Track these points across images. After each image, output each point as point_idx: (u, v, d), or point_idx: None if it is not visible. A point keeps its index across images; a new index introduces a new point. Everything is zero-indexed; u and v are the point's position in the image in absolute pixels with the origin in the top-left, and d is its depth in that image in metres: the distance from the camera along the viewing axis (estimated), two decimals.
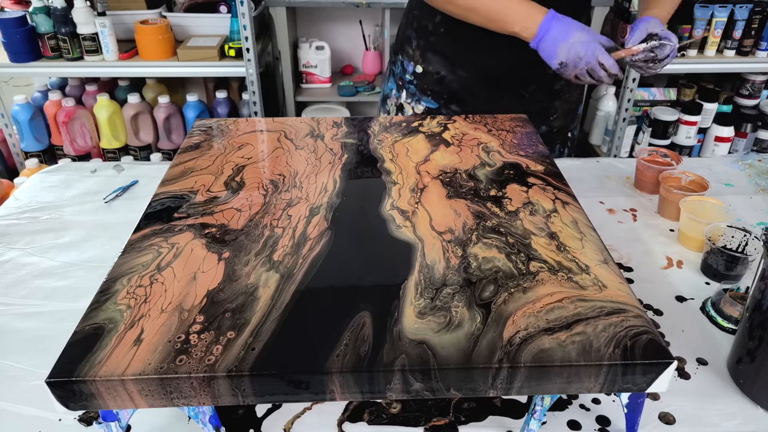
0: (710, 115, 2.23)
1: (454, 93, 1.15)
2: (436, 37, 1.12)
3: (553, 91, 1.15)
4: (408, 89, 1.19)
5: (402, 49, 1.20)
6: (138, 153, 2.24)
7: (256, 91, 2.06)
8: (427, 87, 1.17)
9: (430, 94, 1.17)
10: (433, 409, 0.69)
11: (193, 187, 0.79)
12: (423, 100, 1.17)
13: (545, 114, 1.18)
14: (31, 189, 1.15)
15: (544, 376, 0.52)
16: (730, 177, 1.21)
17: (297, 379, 0.51)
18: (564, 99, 1.18)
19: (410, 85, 1.19)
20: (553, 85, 1.14)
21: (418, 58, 1.16)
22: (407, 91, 1.19)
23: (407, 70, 1.18)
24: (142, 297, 0.58)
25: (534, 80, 1.12)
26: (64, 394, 0.51)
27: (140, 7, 2.09)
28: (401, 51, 1.20)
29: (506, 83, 1.12)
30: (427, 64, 1.15)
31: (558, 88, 1.15)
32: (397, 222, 0.71)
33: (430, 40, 1.13)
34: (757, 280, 0.67)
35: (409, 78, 1.18)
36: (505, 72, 1.11)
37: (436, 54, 1.13)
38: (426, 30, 1.12)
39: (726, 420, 0.67)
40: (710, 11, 2.05)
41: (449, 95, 1.15)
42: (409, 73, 1.18)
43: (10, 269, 0.92)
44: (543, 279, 0.61)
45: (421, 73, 1.16)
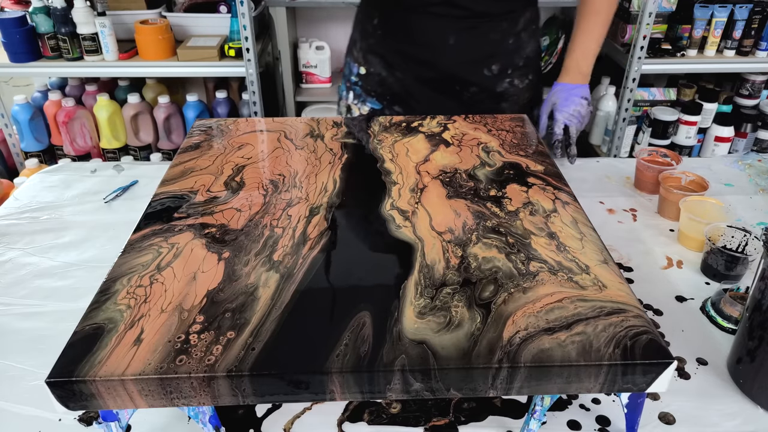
0: (710, 115, 2.23)
1: (396, 94, 1.14)
2: (375, 39, 1.12)
3: (497, 94, 1.13)
4: (354, 90, 1.18)
5: (349, 51, 1.20)
6: (138, 153, 2.24)
7: (256, 91, 2.06)
8: (371, 88, 1.16)
9: (374, 95, 1.16)
10: (433, 409, 0.69)
11: (193, 187, 0.79)
12: (368, 101, 1.17)
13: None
14: (31, 189, 1.15)
15: (544, 376, 0.52)
16: (730, 177, 1.21)
17: (297, 379, 0.51)
18: (512, 101, 1.15)
19: (356, 86, 1.18)
20: (495, 86, 1.12)
21: (362, 60, 1.15)
22: (354, 93, 1.18)
23: (353, 72, 1.18)
24: (142, 297, 0.58)
25: (473, 81, 1.11)
26: (64, 394, 0.51)
27: (140, 7, 2.08)
28: (349, 53, 1.20)
29: (444, 85, 1.11)
30: (369, 66, 1.14)
31: (501, 90, 1.13)
32: (397, 222, 0.71)
33: (370, 41, 1.13)
34: (757, 280, 0.67)
35: (355, 79, 1.18)
36: (442, 75, 1.09)
37: (376, 56, 1.13)
38: (367, 32, 1.12)
39: (726, 420, 0.67)
40: (710, 11, 2.05)
41: (392, 96, 1.14)
42: (354, 75, 1.17)
43: (10, 269, 0.92)
44: (543, 279, 0.61)
45: (365, 75, 1.15)
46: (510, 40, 1.08)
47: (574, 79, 1.08)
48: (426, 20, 1.05)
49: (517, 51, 1.10)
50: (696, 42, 2.10)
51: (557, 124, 1.05)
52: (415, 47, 1.07)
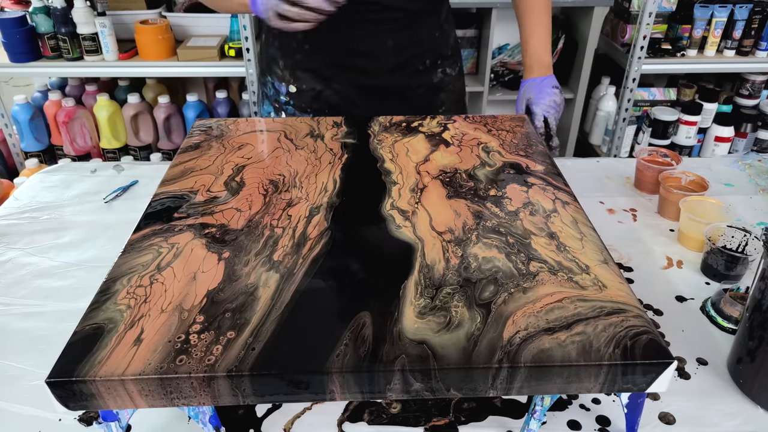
0: (710, 115, 2.23)
1: (335, 106, 1.11)
2: (303, 55, 1.08)
3: (434, 85, 1.13)
4: (286, 110, 1.15)
5: (270, 70, 1.14)
6: (138, 153, 2.24)
7: (255, 91, 2.06)
8: (305, 105, 1.12)
9: (310, 111, 1.13)
10: (433, 409, 0.69)
11: (193, 187, 0.79)
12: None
13: (433, 108, 1.16)
14: (31, 189, 1.15)
15: (544, 376, 0.52)
16: (730, 177, 1.21)
17: (297, 379, 0.51)
18: (449, 90, 1.16)
19: (287, 105, 1.14)
20: (432, 79, 1.12)
21: (289, 78, 1.11)
22: (286, 112, 1.15)
23: (280, 92, 1.13)
24: (142, 297, 0.58)
25: (412, 80, 1.10)
26: (64, 394, 0.51)
27: (140, 7, 2.09)
28: (270, 72, 1.15)
29: (383, 89, 1.10)
30: (299, 83, 1.10)
31: (437, 81, 1.13)
32: (397, 222, 0.71)
33: (297, 57, 1.09)
34: (757, 280, 0.67)
35: (285, 99, 1.13)
36: (382, 78, 1.08)
37: (306, 71, 1.09)
38: (290, 48, 1.08)
39: (726, 420, 0.67)
40: (710, 11, 2.05)
41: (330, 109, 1.12)
42: (283, 94, 1.13)
43: (10, 269, 0.92)
44: (543, 279, 0.61)
45: (296, 93, 1.11)
46: (436, 32, 1.10)
47: (540, 72, 1.09)
48: (363, 27, 1.03)
49: (443, 42, 1.13)
50: (696, 42, 2.10)
51: (537, 117, 1.06)
52: (353, 57, 1.05)
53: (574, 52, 2.30)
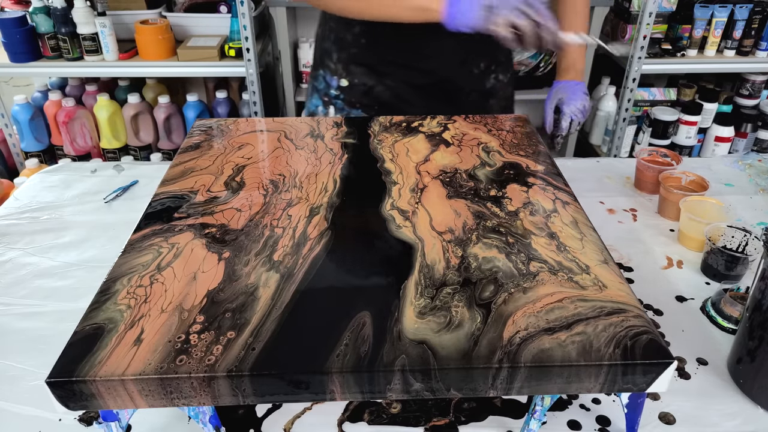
0: (710, 115, 2.23)
1: (385, 103, 1.11)
2: (358, 49, 1.08)
3: (486, 91, 1.14)
4: (335, 104, 1.14)
5: (322, 64, 1.15)
6: (138, 153, 2.24)
7: (256, 91, 2.06)
8: (355, 100, 1.12)
9: (359, 106, 1.12)
10: (433, 409, 0.69)
11: (193, 187, 0.79)
12: (353, 113, 1.13)
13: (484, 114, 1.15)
14: (31, 189, 1.15)
15: (544, 376, 0.52)
16: (730, 177, 1.21)
17: (297, 379, 0.51)
18: (499, 96, 1.16)
19: (337, 100, 1.14)
20: (485, 84, 1.13)
21: (342, 72, 1.11)
22: (335, 107, 1.15)
23: (331, 85, 1.13)
24: (142, 297, 0.58)
25: (465, 82, 1.11)
26: (64, 394, 0.51)
27: (140, 7, 2.08)
28: (321, 65, 1.15)
29: (437, 89, 1.10)
30: (352, 77, 1.10)
31: (490, 86, 1.13)
32: (397, 222, 0.71)
33: (352, 51, 1.09)
34: (757, 280, 0.67)
35: (335, 93, 1.13)
36: (436, 78, 1.09)
37: (360, 66, 1.09)
38: (346, 42, 1.08)
39: (726, 420, 0.67)
40: (710, 11, 2.05)
41: (380, 106, 1.11)
42: (334, 88, 1.13)
43: (10, 269, 0.92)
44: (543, 279, 0.61)
45: (347, 87, 1.11)
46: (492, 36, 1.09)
47: (574, 77, 1.11)
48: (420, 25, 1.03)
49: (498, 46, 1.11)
50: (696, 42, 2.10)
51: (565, 117, 1.07)
52: (407, 53, 1.06)
53: None
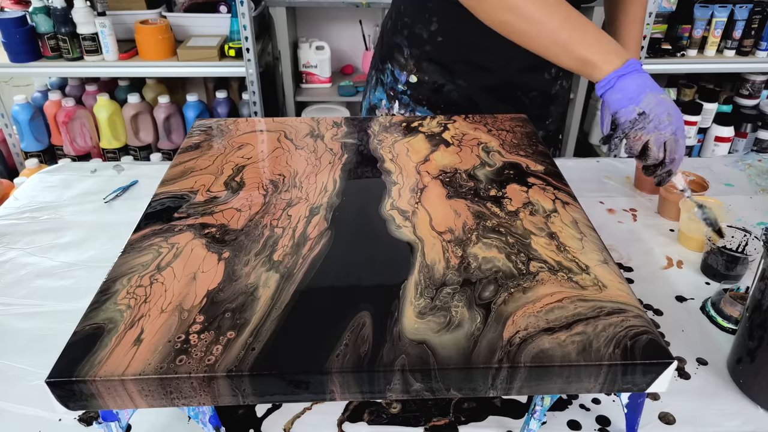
0: (710, 115, 2.23)
1: (453, 103, 1.11)
2: (433, 46, 1.08)
3: (550, 96, 1.13)
4: (401, 99, 1.14)
5: (392, 58, 1.14)
6: (138, 153, 2.25)
7: (256, 91, 2.06)
8: (422, 97, 1.12)
9: (425, 104, 1.12)
10: (433, 409, 0.69)
11: (193, 187, 0.79)
12: (418, 110, 1.13)
13: (543, 119, 1.16)
14: (31, 189, 1.15)
15: (544, 376, 0.52)
16: (730, 177, 1.21)
17: (297, 379, 0.51)
18: (558, 102, 1.16)
19: (403, 95, 1.14)
20: (551, 89, 1.13)
21: (412, 68, 1.11)
22: (400, 102, 1.14)
23: (399, 80, 1.13)
24: (142, 297, 0.58)
25: (535, 86, 1.10)
26: (64, 394, 0.51)
27: (140, 7, 2.09)
28: (390, 59, 1.14)
29: (508, 91, 1.10)
30: (422, 74, 1.10)
31: (554, 92, 1.13)
32: (397, 222, 0.71)
33: (425, 48, 1.08)
34: (757, 280, 0.67)
35: (402, 88, 1.13)
36: (507, 80, 1.08)
37: (433, 63, 1.09)
38: (420, 38, 1.08)
39: (726, 420, 0.67)
40: (710, 11, 2.05)
41: (446, 105, 1.11)
42: (401, 83, 1.13)
43: (10, 269, 0.92)
44: (543, 279, 0.61)
45: (416, 83, 1.11)
46: None
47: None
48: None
49: None
50: (696, 42, 2.10)
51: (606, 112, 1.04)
52: (482, 54, 1.04)
53: None
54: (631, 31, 1.05)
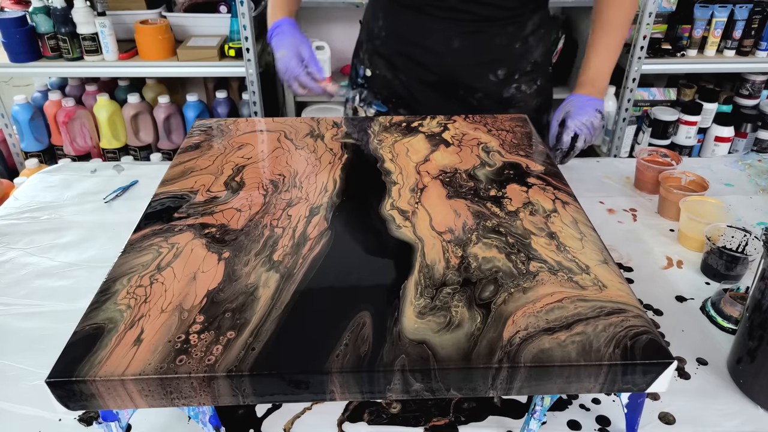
0: (710, 115, 2.23)
1: (401, 97, 1.13)
2: (380, 41, 1.11)
3: (503, 99, 1.11)
4: (361, 93, 1.18)
5: (356, 53, 1.20)
6: (138, 153, 2.24)
7: (256, 91, 2.06)
8: (377, 90, 1.15)
9: (380, 97, 1.15)
10: (433, 409, 0.69)
11: (193, 187, 0.79)
12: (374, 103, 1.16)
13: None
14: (31, 189, 1.15)
15: (544, 376, 0.52)
16: (730, 177, 1.21)
17: (297, 379, 0.51)
18: (519, 107, 1.12)
19: (362, 88, 1.18)
20: (501, 92, 1.10)
21: (367, 62, 1.15)
22: (360, 95, 1.18)
23: (359, 74, 1.17)
24: (142, 297, 0.58)
25: (479, 87, 1.09)
26: (64, 394, 0.51)
27: (140, 7, 2.08)
28: (355, 55, 1.20)
29: (449, 89, 1.09)
30: (374, 68, 1.14)
31: (508, 96, 1.11)
32: (397, 222, 0.71)
33: (376, 43, 1.12)
34: (757, 280, 0.67)
35: (361, 81, 1.17)
36: (443, 76, 1.08)
37: (381, 57, 1.12)
38: (372, 33, 1.12)
39: (726, 420, 0.67)
40: (710, 11, 2.05)
41: (397, 99, 1.13)
42: (360, 77, 1.17)
43: (10, 269, 0.92)
44: (543, 279, 0.61)
45: (371, 77, 1.15)
46: (517, 44, 1.07)
47: (591, 92, 1.05)
48: (431, 23, 1.04)
49: (524, 55, 1.08)
50: (696, 42, 2.10)
51: (567, 131, 1.02)
52: (419, 50, 1.07)
53: (574, 52, 2.30)
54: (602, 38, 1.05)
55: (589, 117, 1.02)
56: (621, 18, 1.03)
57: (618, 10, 1.03)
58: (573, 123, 1.02)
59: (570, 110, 1.04)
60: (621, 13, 1.03)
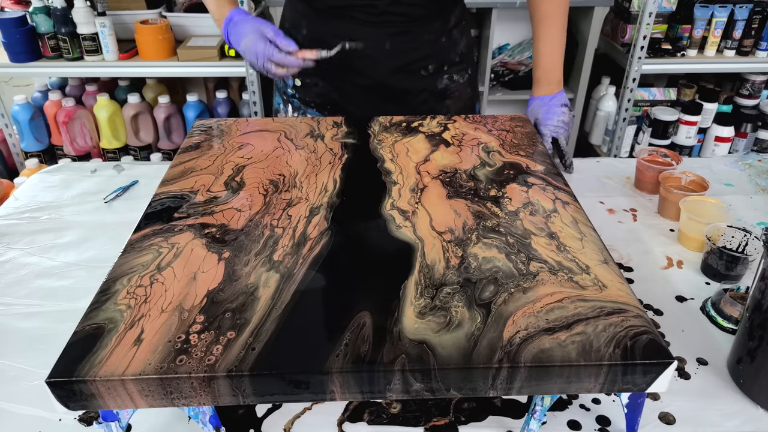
0: (710, 115, 2.23)
1: (336, 103, 1.12)
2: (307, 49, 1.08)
3: (439, 92, 1.12)
4: (293, 103, 1.16)
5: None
6: (138, 153, 2.25)
7: (256, 91, 2.06)
8: (309, 99, 1.13)
9: (313, 105, 1.13)
10: (433, 409, 0.69)
11: (193, 187, 0.79)
12: (308, 112, 1.14)
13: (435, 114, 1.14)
14: (31, 189, 1.15)
15: (544, 376, 0.52)
16: (730, 177, 1.21)
17: (297, 379, 0.51)
18: (455, 97, 1.14)
19: (293, 98, 1.15)
20: (436, 85, 1.11)
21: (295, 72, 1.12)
22: (292, 105, 1.16)
23: (288, 84, 1.15)
24: (142, 297, 0.58)
25: (413, 84, 1.09)
26: (64, 394, 0.51)
27: (140, 7, 2.09)
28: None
29: (384, 90, 1.09)
30: (304, 77, 1.11)
31: (442, 87, 1.12)
32: (397, 222, 0.71)
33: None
34: (757, 280, 0.67)
35: (291, 92, 1.15)
36: (380, 81, 1.08)
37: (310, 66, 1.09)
38: (296, 42, 1.06)
39: (726, 420, 0.67)
40: (710, 11, 2.05)
41: (332, 106, 1.12)
42: (290, 87, 1.15)
43: (10, 269, 0.92)
44: (543, 279, 0.61)
45: (301, 86, 1.13)
46: (443, 38, 1.08)
47: (548, 89, 1.06)
48: (361, 28, 1.02)
49: (451, 48, 1.10)
50: (696, 42, 2.10)
51: (545, 139, 1.04)
52: (351, 56, 1.04)
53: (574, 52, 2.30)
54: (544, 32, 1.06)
55: (558, 117, 1.04)
56: (557, 10, 1.05)
57: (552, 3, 1.04)
58: (547, 129, 1.04)
59: (538, 117, 1.06)
60: (555, 4, 1.04)
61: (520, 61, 2.35)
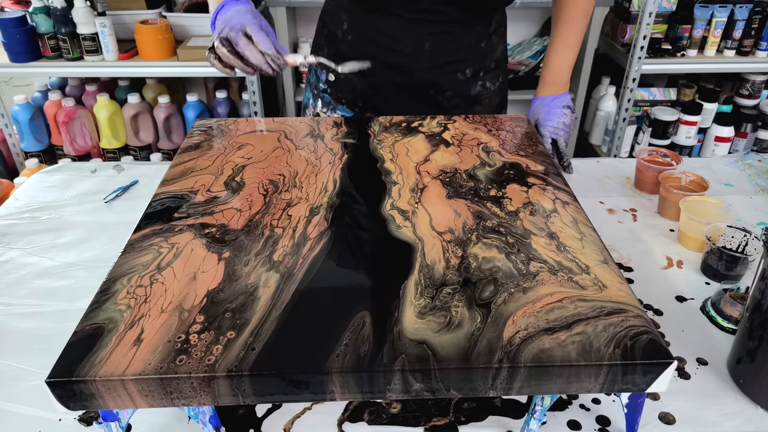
0: (710, 115, 2.23)
1: (369, 100, 1.11)
2: (346, 45, 1.09)
3: (470, 97, 1.12)
4: (323, 98, 1.15)
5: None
6: (138, 153, 2.24)
7: (256, 91, 2.06)
8: (341, 95, 1.13)
9: (344, 102, 1.13)
10: (433, 409, 0.69)
11: (193, 187, 0.79)
12: (338, 108, 1.14)
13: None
14: (31, 189, 1.15)
15: (544, 376, 0.52)
16: (730, 177, 1.21)
17: (297, 379, 0.51)
18: (485, 104, 1.14)
19: (325, 93, 1.15)
20: (469, 90, 1.11)
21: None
22: (322, 101, 1.16)
23: (321, 79, 1.14)
24: (142, 297, 0.58)
25: (448, 86, 1.09)
26: (64, 394, 0.51)
27: (140, 7, 2.09)
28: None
29: (419, 90, 1.09)
30: (339, 73, 1.09)
31: (475, 93, 1.12)
32: (397, 222, 0.71)
33: (340, 48, 1.09)
34: (757, 280, 0.67)
35: (323, 87, 1.14)
36: (417, 79, 1.07)
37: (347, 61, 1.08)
38: (335, 37, 1.09)
39: (726, 420, 0.67)
40: (710, 11, 2.05)
41: (364, 103, 1.12)
42: (322, 82, 1.14)
43: (10, 269, 0.92)
44: (543, 279, 0.61)
45: (334, 82, 1.12)
46: (482, 43, 1.08)
47: (553, 90, 1.07)
48: (401, 25, 1.02)
49: (488, 54, 1.09)
50: (696, 42, 2.10)
51: (545, 140, 1.04)
52: (389, 53, 1.05)
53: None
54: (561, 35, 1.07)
55: (559, 118, 1.04)
56: (579, 13, 1.05)
57: (575, 6, 1.05)
58: (547, 130, 1.04)
59: (539, 117, 1.06)
60: (578, 8, 1.05)
61: (520, 61, 2.35)
